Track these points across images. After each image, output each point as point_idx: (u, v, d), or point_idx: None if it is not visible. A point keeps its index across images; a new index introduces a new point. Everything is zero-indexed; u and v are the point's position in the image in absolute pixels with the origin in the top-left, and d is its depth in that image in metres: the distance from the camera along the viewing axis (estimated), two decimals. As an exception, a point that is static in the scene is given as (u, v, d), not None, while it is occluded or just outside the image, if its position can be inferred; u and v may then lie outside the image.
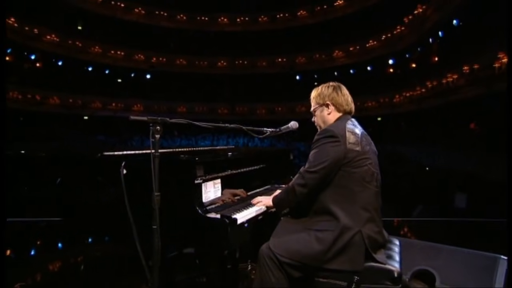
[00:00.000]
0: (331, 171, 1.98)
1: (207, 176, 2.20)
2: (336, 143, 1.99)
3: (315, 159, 2.00)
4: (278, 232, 2.16)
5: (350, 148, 1.99)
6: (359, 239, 1.92)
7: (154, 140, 1.85)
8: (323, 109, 2.22)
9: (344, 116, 2.19)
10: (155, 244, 1.83)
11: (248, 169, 2.72)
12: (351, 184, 1.98)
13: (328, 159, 1.97)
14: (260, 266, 2.02)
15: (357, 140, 2.02)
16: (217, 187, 2.32)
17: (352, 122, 2.14)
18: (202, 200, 2.13)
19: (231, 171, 2.50)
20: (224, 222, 1.96)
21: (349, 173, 1.98)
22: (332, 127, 2.07)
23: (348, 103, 2.22)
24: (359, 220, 1.95)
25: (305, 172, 2.01)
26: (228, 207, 2.26)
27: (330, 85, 2.25)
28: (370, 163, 2.04)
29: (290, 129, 2.56)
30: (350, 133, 2.03)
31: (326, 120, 2.22)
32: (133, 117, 1.84)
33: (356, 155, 1.99)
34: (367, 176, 2.01)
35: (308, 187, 2.00)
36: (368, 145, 2.09)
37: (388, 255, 2.08)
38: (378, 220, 2.04)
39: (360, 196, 1.97)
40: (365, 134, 2.15)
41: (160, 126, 1.86)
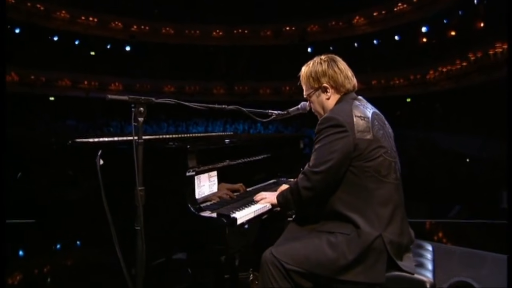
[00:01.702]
0: (340, 168, 1.99)
1: (201, 168, 2.22)
2: (343, 134, 1.98)
3: (320, 155, 2.01)
4: (284, 236, 2.19)
5: (359, 137, 1.99)
6: (380, 245, 1.93)
7: (136, 124, 1.87)
8: (320, 93, 2.21)
9: (346, 96, 2.18)
10: (138, 249, 1.85)
11: (250, 160, 2.75)
12: (365, 180, 1.98)
13: (335, 155, 1.97)
14: (263, 275, 2.04)
15: (367, 126, 2.02)
16: (212, 181, 2.34)
17: (358, 102, 2.13)
18: (195, 196, 2.16)
19: (229, 162, 2.52)
20: (221, 222, 1.98)
21: (361, 168, 1.99)
22: (335, 113, 2.05)
23: (349, 79, 2.20)
24: (379, 223, 1.96)
25: (311, 173, 2.01)
26: (225, 205, 2.29)
27: (322, 60, 2.22)
28: (386, 151, 2.04)
29: (300, 111, 2.57)
30: (358, 118, 2.02)
31: (326, 105, 2.22)
32: (111, 97, 1.85)
33: (368, 145, 1.99)
34: (383, 168, 2.01)
35: (315, 190, 2.02)
36: (381, 128, 2.09)
37: (418, 262, 2.10)
38: (402, 219, 2.05)
39: (377, 194, 1.98)
40: (376, 114, 2.15)
41: (143, 107, 1.87)
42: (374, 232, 1.94)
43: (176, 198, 2.10)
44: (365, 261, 1.92)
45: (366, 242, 1.92)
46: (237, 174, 2.61)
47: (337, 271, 1.94)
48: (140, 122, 1.87)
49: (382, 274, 1.93)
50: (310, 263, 1.96)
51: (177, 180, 2.12)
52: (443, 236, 5.15)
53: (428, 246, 2.35)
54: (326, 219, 2.06)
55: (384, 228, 1.95)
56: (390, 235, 1.95)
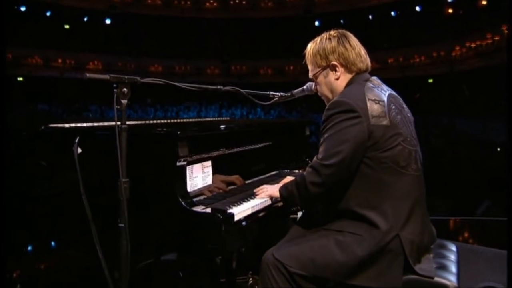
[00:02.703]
0: (353, 160, 1.98)
1: (193, 157, 2.23)
2: (355, 120, 1.97)
3: (330, 146, 1.99)
4: (287, 236, 2.21)
5: (374, 123, 1.98)
6: (397, 245, 1.93)
7: (119, 108, 1.87)
8: (328, 72, 2.21)
9: (358, 76, 2.18)
10: (122, 250, 1.87)
11: (249, 148, 2.77)
12: (381, 173, 1.98)
13: (347, 145, 1.95)
14: (264, 279, 2.06)
15: (383, 111, 2.01)
16: (206, 172, 2.36)
17: (372, 84, 2.13)
18: (186, 189, 2.17)
19: (225, 151, 2.54)
20: (216, 219, 2.00)
21: (376, 159, 1.98)
22: (346, 97, 2.05)
23: (362, 57, 2.20)
24: (396, 221, 1.97)
25: (320, 167, 2.00)
26: (221, 199, 2.31)
27: (331, 35, 2.21)
28: (404, 139, 2.04)
29: (306, 93, 2.57)
30: (372, 101, 2.01)
31: (334, 87, 2.22)
32: (89, 75, 1.86)
33: (384, 133, 1.99)
34: (401, 158, 2.01)
35: (325, 186, 2.01)
36: (399, 113, 2.09)
37: (440, 264, 2.12)
38: (422, 216, 2.07)
39: (395, 188, 1.99)
40: (393, 97, 2.15)
41: (127, 88, 1.88)
42: (391, 231, 1.95)
43: (165, 191, 2.12)
44: (379, 263, 1.94)
45: (381, 242, 1.93)
46: (234, 165, 2.63)
47: (347, 274, 1.95)
48: (123, 105, 1.87)
49: (398, 278, 1.94)
50: (316, 266, 1.98)
51: (166, 171, 2.14)
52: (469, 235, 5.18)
53: (451, 246, 2.37)
54: (336, 217, 2.08)
55: (402, 226, 1.97)
56: (408, 234, 1.96)
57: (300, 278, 2.00)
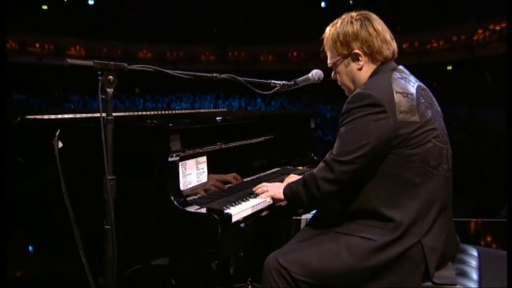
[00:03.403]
0: (374, 158, 1.97)
1: (187, 152, 2.25)
2: (381, 115, 1.94)
3: (348, 141, 1.98)
4: (292, 241, 2.22)
5: (402, 119, 1.95)
6: (418, 253, 1.93)
7: (104, 98, 1.87)
8: (350, 62, 2.19)
9: (384, 66, 2.15)
10: (108, 254, 1.87)
11: (248, 143, 2.78)
12: (408, 172, 1.97)
13: (369, 142, 1.93)
14: (266, 286, 2.07)
15: (411, 105, 1.98)
16: (201, 169, 2.38)
17: (399, 74, 2.10)
18: (179, 187, 2.19)
19: (222, 145, 2.55)
20: (212, 220, 2.00)
21: (403, 156, 1.96)
22: (371, 89, 2.00)
23: (388, 43, 2.16)
24: (420, 226, 1.96)
25: (335, 162, 1.99)
26: (217, 198, 2.32)
27: (353, 18, 2.17)
28: (436, 135, 2.02)
29: (312, 81, 2.58)
30: (400, 94, 1.99)
31: (357, 78, 2.19)
32: (71, 61, 1.85)
33: (413, 130, 1.96)
34: (432, 157, 1.99)
35: (339, 183, 2.01)
36: (429, 107, 2.07)
37: (460, 271, 2.13)
38: (448, 222, 2.06)
39: (423, 190, 1.98)
40: (422, 89, 2.14)
41: (113, 75, 1.87)
42: (413, 235, 1.94)
43: (155, 189, 2.13)
44: (397, 272, 1.94)
45: (399, 248, 1.93)
46: (232, 161, 2.65)
47: (358, 283, 1.96)
48: (109, 94, 1.86)
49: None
50: (325, 274, 1.99)
51: (156, 168, 2.15)
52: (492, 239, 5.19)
53: (473, 251, 2.37)
54: (349, 219, 2.07)
55: (426, 232, 1.96)
56: (431, 241, 1.96)
57: (306, 286, 2.00)
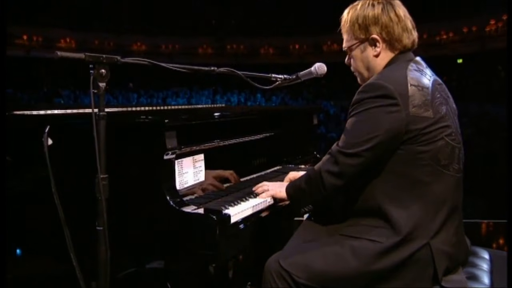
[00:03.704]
0: (383, 153, 1.96)
1: (183, 149, 2.24)
2: (392, 108, 1.92)
3: (356, 133, 1.97)
4: (294, 241, 2.21)
5: (415, 114, 1.93)
6: (426, 256, 1.93)
7: (96, 92, 1.87)
8: (366, 47, 2.17)
9: (402, 56, 2.14)
10: (101, 256, 1.87)
11: (247, 140, 2.79)
12: (417, 171, 1.96)
13: (378, 135, 1.92)
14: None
15: (426, 100, 1.97)
16: (198, 167, 2.38)
17: (415, 66, 2.08)
18: (175, 186, 2.19)
19: (220, 143, 2.55)
20: (210, 221, 2.00)
21: (413, 153, 1.95)
22: (385, 80, 1.99)
23: (409, 31, 2.15)
24: (428, 227, 1.95)
25: (340, 154, 1.98)
26: (215, 198, 2.32)
27: (375, 2, 2.15)
28: (450, 133, 2.01)
29: (314, 75, 2.58)
30: (415, 87, 1.97)
31: (372, 65, 2.17)
32: (61, 54, 1.85)
33: (426, 125, 1.95)
34: (443, 155, 1.98)
35: (344, 177, 2.00)
36: (444, 103, 2.06)
37: (470, 274, 2.13)
38: (458, 225, 2.06)
39: (432, 189, 1.97)
40: (439, 83, 2.13)
41: (105, 69, 1.87)
42: (420, 237, 1.93)
43: (150, 189, 2.13)
44: (404, 276, 1.93)
45: (407, 251, 1.92)
46: (230, 159, 2.65)
47: (363, 287, 1.95)
48: (101, 89, 1.85)
49: None
50: (329, 278, 1.98)
51: (151, 166, 2.15)
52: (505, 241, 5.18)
53: (484, 253, 2.37)
54: (354, 219, 2.07)
55: (434, 234, 1.95)
56: (440, 244, 1.95)
57: None
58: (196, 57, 25.35)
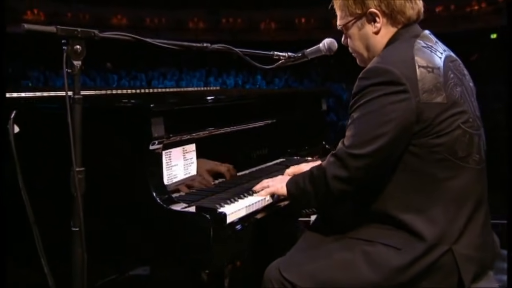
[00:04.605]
0: (394, 149, 1.96)
1: (172, 139, 2.25)
2: (401, 96, 1.91)
3: (363, 129, 1.97)
4: (297, 246, 2.23)
5: (426, 100, 1.92)
6: (449, 263, 1.93)
7: (71, 72, 1.86)
8: (364, 23, 2.16)
9: (406, 30, 2.13)
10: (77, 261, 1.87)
11: (245, 128, 2.80)
12: (432, 166, 1.96)
13: (388, 130, 1.91)
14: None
15: (438, 82, 1.96)
16: (189, 159, 2.39)
17: (423, 43, 2.07)
18: (163, 182, 2.19)
19: (215, 131, 2.56)
20: (202, 220, 2.00)
21: (427, 147, 1.95)
22: (389, 62, 1.98)
23: (412, 1, 2.13)
24: (450, 230, 1.96)
25: (348, 157, 1.97)
26: (209, 195, 2.34)
27: None
28: (466, 120, 2.00)
29: (323, 53, 2.58)
30: (424, 69, 1.96)
31: (372, 43, 2.17)
32: (28, 26, 1.83)
33: (439, 112, 1.94)
34: (461, 146, 1.98)
35: (353, 182, 2.01)
36: (459, 84, 2.05)
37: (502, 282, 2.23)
38: (483, 224, 2.06)
39: (451, 186, 1.98)
40: (451, 60, 2.12)
41: (81, 44, 1.87)
42: (441, 244, 1.94)
43: (134, 184, 2.14)
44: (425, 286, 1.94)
45: (428, 258, 1.93)
46: (226, 150, 2.66)
47: None
48: (76, 68, 1.84)
49: None
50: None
51: (135, 158, 2.15)
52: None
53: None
54: (366, 222, 2.08)
55: (457, 238, 1.96)
56: (464, 248, 1.96)
57: None
58: (186, 33, 25.27)
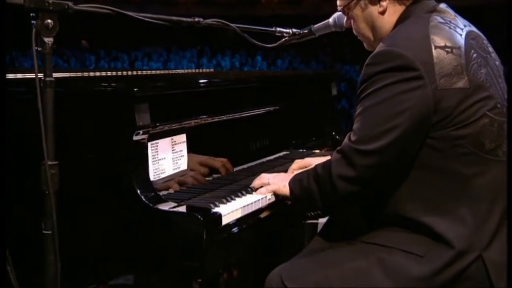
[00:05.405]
0: (408, 145, 1.96)
1: (159, 128, 2.25)
2: (415, 83, 1.91)
3: (372, 122, 1.97)
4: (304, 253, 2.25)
5: (444, 87, 1.92)
6: (479, 272, 1.93)
7: (41, 50, 1.85)
8: (367, 4, 2.17)
9: (417, 6, 2.13)
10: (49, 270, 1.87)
11: (243, 116, 2.80)
12: (456, 163, 1.96)
13: (401, 122, 1.91)
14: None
15: (458, 64, 1.95)
16: (179, 151, 2.40)
17: (440, 18, 2.07)
18: (148, 177, 2.19)
19: (208, 119, 2.57)
20: (194, 222, 2.00)
21: (448, 139, 1.95)
22: (399, 44, 1.98)
23: None
24: (479, 234, 1.96)
25: (355, 154, 1.97)
26: (201, 193, 2.34)
27: None
28: (494, 106, 1.99)
29: (333, 29, 2.58)
30: (442, 50, 1.96)
31: (379, 25, 2.18)
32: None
33: (461, 99, 1.93)
34: (488, 138, 1.98)
35: (363, 182, 2.01)
36: (483, 64, 2.04)
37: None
38: None
39: (477, 184, 1.97)
40: (473, 37, 2.11)
41: (53, 19, 1.86)
42: (470, 250, 1.94)
43: (115, 180, 2.14)
44: None
45: (455, 267, 1.93)
46: (221, 141, 2.68)
47: None
48: (48, 46, 1.83)
49: None
50: None
51: (116, 150, 2.15)
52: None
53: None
54: (381, 225, 2.09)
55: (488, 243, 1.96)
56: (496, 254, 1.95)
57: None
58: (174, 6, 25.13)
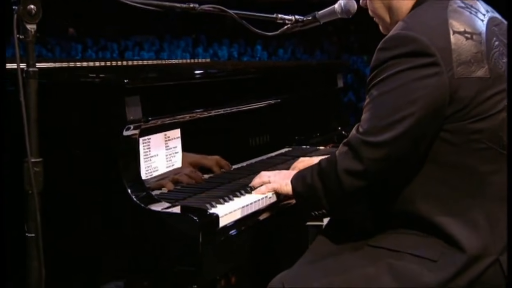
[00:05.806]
0: (421, 137, 1.95)
1: (151, 122, 2.25)
2: (430, 70, 1.91)
3: (383, 111, 1.96)
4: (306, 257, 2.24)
5: (462, 75, 1.92)
6: (496, 277, 1.95)
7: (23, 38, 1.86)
8: None
9: None
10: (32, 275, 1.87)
11: (242, 110, 2.80)
12: (472, 159, 1.96)
13: (414, 112, 1.90)
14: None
15: (478, 52, 1.96)
16: (173, 148, 2.40)
17: (460, 2, 2.07)
18: (140, 175, 2.20)
19: (204, 113, 2.57)
20: (190, 224, 2.01)
21: (464, 133, 1.95)
22: (415, 28, 1.96)
23: None
24: (496, 237, 1.97)
25: (363, 145, 1.97)
26: (197, 193, 2.35)
27: None
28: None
29: (339, 16, 2.57)
30: (461, 35, 1.96)
31: (395, 7, 2.17)
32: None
33: (479, 90, 1.94)
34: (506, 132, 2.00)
35: (370, 176, 2.00)
36: (504, 54, 2.04)
37: None
38: None
39: (495, 182, 1.98)
40: (496, 23, 2.12)
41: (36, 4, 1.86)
42: (486, 254, 1.94)
43: (104, 178, 2.14)
44: None
45: (470, 273, 1.93)
46: (218, 137, 2.68)
47: None
48: (31, 33, 1.83)
49: None
50: None
51: (105, 146, 2.16)
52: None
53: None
54: (390, 227, 2.08)
55: (503, 245, 1.96)
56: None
57: None
58: (168, -7, 25.25)
